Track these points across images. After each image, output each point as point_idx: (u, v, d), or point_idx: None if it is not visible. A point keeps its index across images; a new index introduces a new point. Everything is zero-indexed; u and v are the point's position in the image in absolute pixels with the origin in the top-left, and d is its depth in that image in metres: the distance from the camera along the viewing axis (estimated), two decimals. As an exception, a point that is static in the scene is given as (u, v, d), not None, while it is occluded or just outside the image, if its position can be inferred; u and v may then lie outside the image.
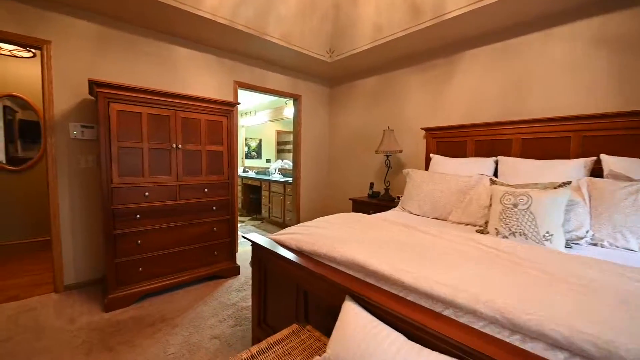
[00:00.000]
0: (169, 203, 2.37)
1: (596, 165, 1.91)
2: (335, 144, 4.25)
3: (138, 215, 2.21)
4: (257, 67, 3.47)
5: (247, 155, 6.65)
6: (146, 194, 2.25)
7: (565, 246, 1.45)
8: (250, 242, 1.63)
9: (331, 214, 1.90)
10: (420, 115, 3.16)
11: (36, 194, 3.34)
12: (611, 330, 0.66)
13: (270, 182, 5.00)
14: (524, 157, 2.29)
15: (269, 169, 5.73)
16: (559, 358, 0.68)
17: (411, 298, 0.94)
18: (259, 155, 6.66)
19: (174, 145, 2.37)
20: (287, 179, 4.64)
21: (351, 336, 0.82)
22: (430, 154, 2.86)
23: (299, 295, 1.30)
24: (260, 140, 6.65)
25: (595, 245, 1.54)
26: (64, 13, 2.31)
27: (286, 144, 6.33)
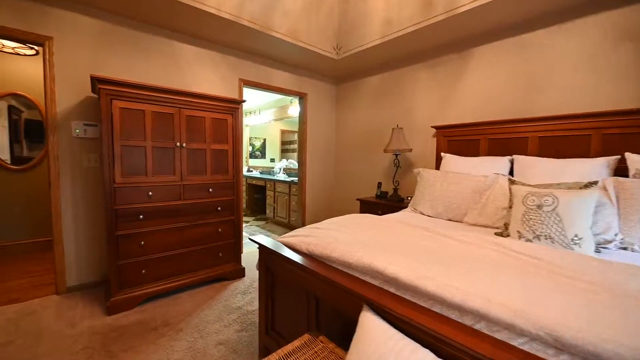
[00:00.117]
0: (173, 203, 2.30)
1: (620, 165, 1.81)
2: (341, 143, 4.17)
3: (141, 216, 2.15)
4: (263, 65, 3.40)
5: (252, 155, 6.59)
6: (149, 193, 2.19)
7: (595, 250, 1.35)
8: (257, 245, 1.56)
9: (338, 215, 1.83)
10: (430, 113, 3.07)
11: (39, 193, 3.30)
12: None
13: (275, 182, 4.94)
14: (541, 156, 2.20)
15: (273, 168, 5.66)
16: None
17: (436, 309, 0.86)
18: (263, 155, 6.60)
19: (178, 143, 2.30)
20: (292, 179, 4.56)
21: (373, 352, 0.74)
22: (441, 153, 2.77)
23: (310, 302, 1.22)
24: (265, 139, 6.58)
25: (625, 249, 1.44)
26: (65, 9, 2.26)
27: (290, 143, 6.26)
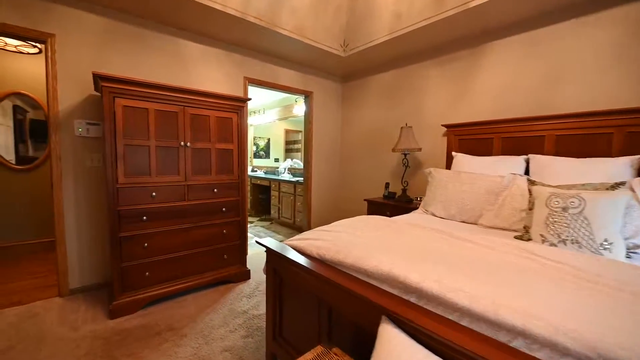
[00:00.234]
0: (177, 204, 2.25)
1: (645, 164, 1.72)
2: (348, 142, 4.09)
3: (145, 217, 2.10)
4: (268, 63, 3.33)
5: (256, 155, 6.54)
6: (153, 194, 2.13)
7: (625, 256, 1.27)
8: (264, 248, 1.49)
9: (344, 215, 1.76)
10: (440, 111, 2.98)
11: (43, 193, 3.27)
12: None
13: (279, 182, 4.87)
14: (558, 155, 2.10)
15: (278, 168, 5.61)
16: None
17: (465, 323, 0.78)
18: (267, 155, 6.55)
19: (182, 143, 2.25)
20: (297, 179, 4.50)
21: (398, 372, 0.67)
22: (453, 152, 2.68)
23: (322, 311, 1.15)
24: (269, 139, 6.53)
25: (657, 254, 1.35)
26: (69, 5, 2.21)
27: (295, 143, 6.20)
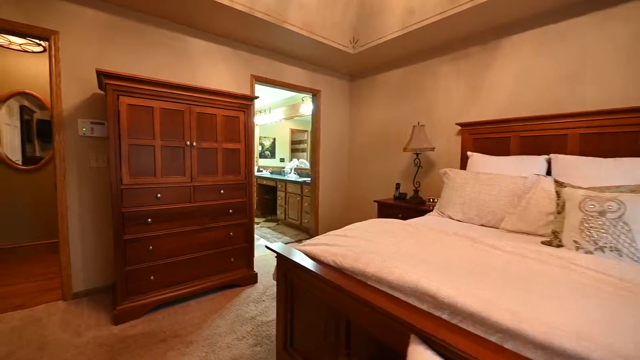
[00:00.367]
0: (183, 205, 2.17)
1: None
2: (356, 141, 3.99)
3: (150, 219, 2.03)
4: (275, 60, 3.25)
5: (261, 155, 6.47)
6: (158, 195, 2.06)
7: (670, 265, 1.16)
8: (274, 253, 1.41)
9: (352, 217, 1.67)
10: (453, 109, 2.87)
11: (48, 194, 3.23)
12: None
13: (286, 182, 4.79)
14: (582, 155, 1.99)
15: (284, 168, 5.53)
16: None
17: (509, 346, 0.69)
18: (273, 155, 6.48)
19: (188, 142, 2.17)
20: (304, 179, 4.41)
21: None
22: (468, 152, 2.57)
23: (340, 324, 1.06)
24: (274, 139, 6.46)
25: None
26: (72, 1, 2.15)
27: (300, 143, 6.12)
